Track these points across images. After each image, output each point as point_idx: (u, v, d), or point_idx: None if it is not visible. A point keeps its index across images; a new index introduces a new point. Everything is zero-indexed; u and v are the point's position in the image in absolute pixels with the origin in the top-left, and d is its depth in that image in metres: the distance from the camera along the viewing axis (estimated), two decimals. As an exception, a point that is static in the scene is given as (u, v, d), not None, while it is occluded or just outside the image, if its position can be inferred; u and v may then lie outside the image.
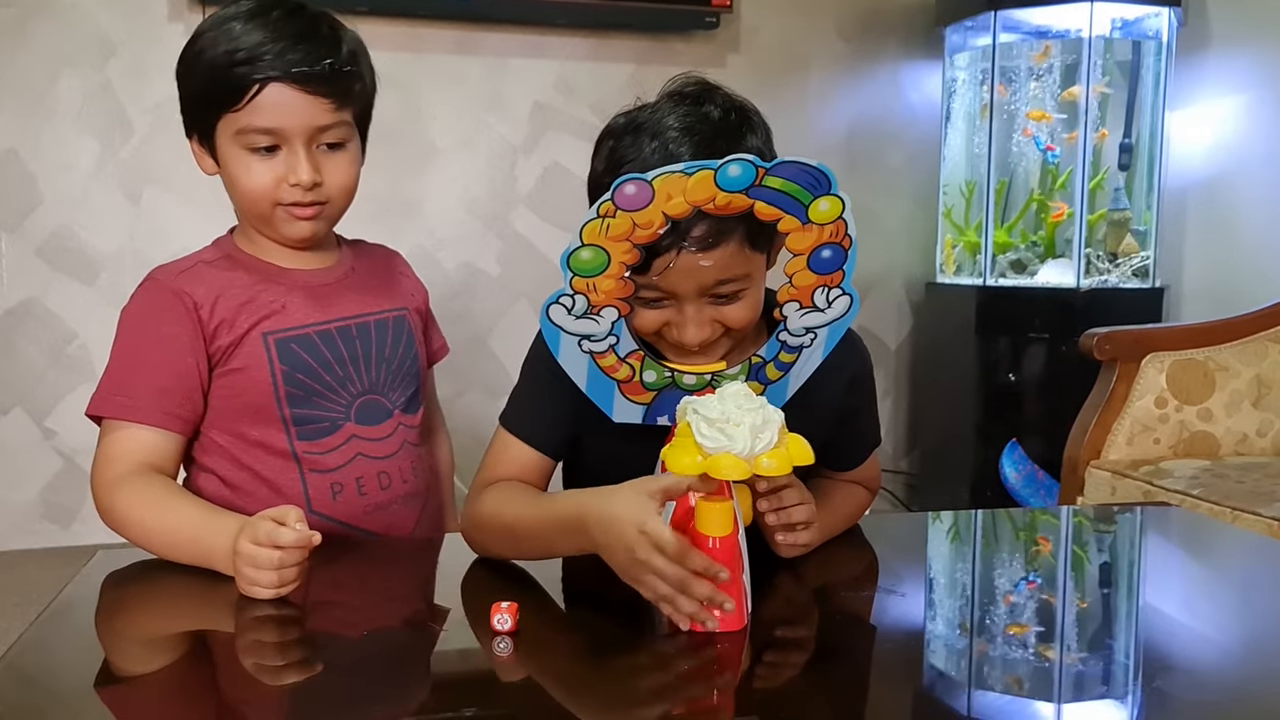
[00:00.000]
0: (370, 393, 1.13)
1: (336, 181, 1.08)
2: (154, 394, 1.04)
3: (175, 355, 1.05)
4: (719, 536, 0.80)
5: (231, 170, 1.07)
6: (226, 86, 1.03)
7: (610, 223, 0.82)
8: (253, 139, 1.04)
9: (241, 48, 1.02)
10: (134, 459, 1.02)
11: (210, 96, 1.05)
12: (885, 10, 3.05)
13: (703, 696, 0.74)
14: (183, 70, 1.08)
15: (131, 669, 0.80)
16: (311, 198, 1.07)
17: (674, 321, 0.91)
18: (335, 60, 1.05)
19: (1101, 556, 1.12)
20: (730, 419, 0.78)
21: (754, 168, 0.80)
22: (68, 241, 2.63)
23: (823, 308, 0.90)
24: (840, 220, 0.85)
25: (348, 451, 1.11)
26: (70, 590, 0.91)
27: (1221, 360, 2.17)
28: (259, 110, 1.03)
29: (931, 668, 0.78)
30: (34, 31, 2.56)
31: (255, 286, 1.10)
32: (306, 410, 1.09)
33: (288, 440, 1.09)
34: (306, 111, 1.04)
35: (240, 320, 1.07)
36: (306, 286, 1.12)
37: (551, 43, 2.84)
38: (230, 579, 0.89)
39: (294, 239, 1.11)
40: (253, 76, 1.02)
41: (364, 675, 0.74)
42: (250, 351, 1.07)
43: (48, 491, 2.70)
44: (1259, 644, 0.87)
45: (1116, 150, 2.75)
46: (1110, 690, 0.76)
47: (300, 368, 1.08)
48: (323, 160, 1.07)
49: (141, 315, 1.08)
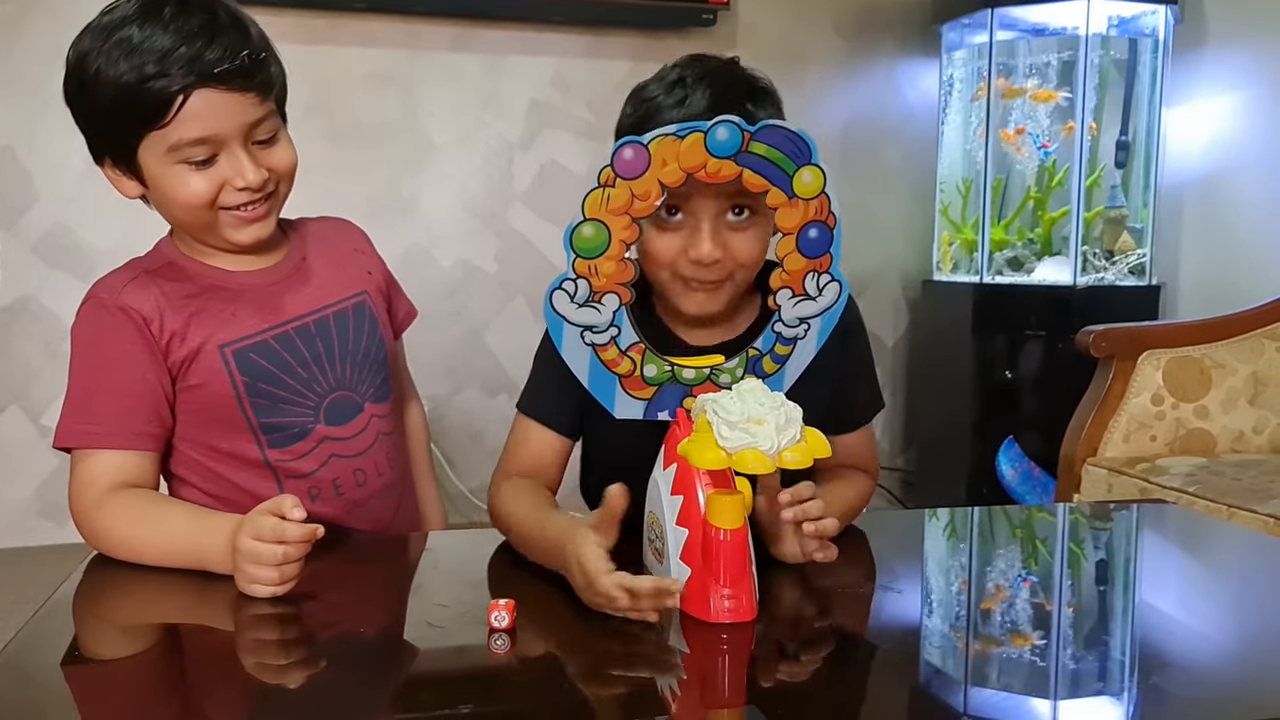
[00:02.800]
0: (338, 389, 1.10)
1: (280, 169, 1.04)
2: (117, 416, 1.00)
3: (134, 373, 1.01)
4: (730, 529, 0.81)
5: (166, 188, 1.01)
6: (145, 104, 0.95)
7: (610, 193, 0.84)
8: (187, 152, 0.98)
9: (149, 59, 0.94)
10: (108, 482, 0.98)
11: (125, 117, 0.97)
12: (882, 7, 3.06)
13: (709, 689, 0.74)
14: (78, 94, 0.99)
15: (106, 654, 0.80)
16: (260, 194, 1.03)
17: (689, 244, 0.96)
18: (250, 50, 0.99)
19: (1098, 554, 1.12)
20: (752, 416, 0.79)
21: (740, 131, 0.83)
22: (63, 238, 2.63)
23: (814, 295, 0.91)
24: (824, 196, 0.87)
25: (321, 454, 1.09)
26: (66, 588, 0.91)
27: (1218, 357, 2.18)
28: (187, 121, 0.96)
29: (929, 664, 0.78)
30: (29, 27, 2.55)
31: (203, 296, 1.05)
32: (274, 419, 1.06)
33: (259, 449, 1.06)
34: (236, 111, 0.98)
35: (192, 333, 1.03)
36: (256, 289, 1.08)
37: (548, 40, 2.84)
38: (222, 578, 0.89)
39: (242, 244, 1.06)
40: (172, 88, 0.95)
41: (361, 673, 0.74)
42: (207, 365, 1.03)
43: (44, 489, 2.69)
44: (1255, 641, 0.87)
45: (1112, 147, 2.76)
46: (1107, 687, 0.77)
47: (262, 376, 1.05)
48: (260, 155, 1.02)
49: (92, 337, 1.02)
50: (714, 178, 0.85)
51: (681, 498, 0.84)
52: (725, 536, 0.81)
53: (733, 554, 0.80)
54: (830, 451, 0.83)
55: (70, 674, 0.75)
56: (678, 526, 0.84)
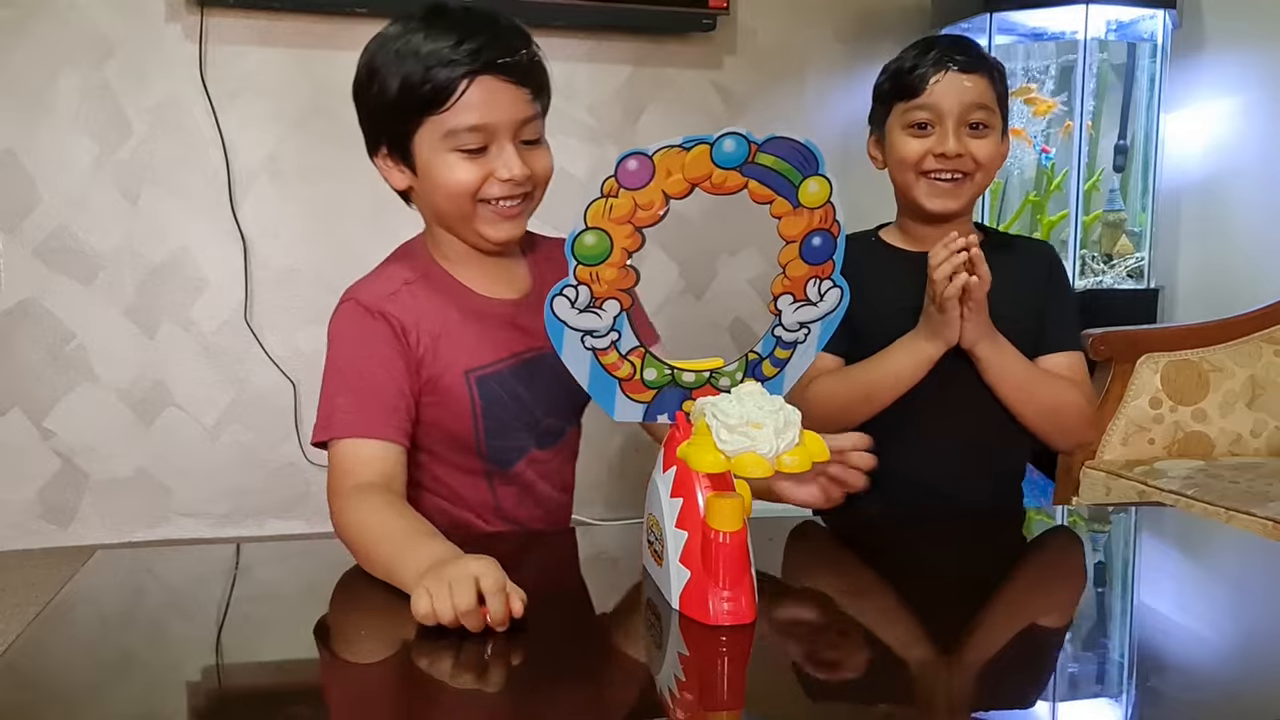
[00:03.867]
0: (553, 415, 1.14)
1: (540, 173, 1.08)
2: (381, 410, 1.03)
3: (395, 373, 1.05)
4: (729, 531, 0.81)
5: (435, 174, 1.06)
6: (429, 89, 1.02)
7: (614, 203, 0.84)
8: (461, 139, 1.03)
9: (435, 50, 1.02)
10: (366, 471, 1.00)
11: (408, 104, 1.03)
12: (882, 12, 3.06)
13: (708, 691, 0.75)
14: (364, 88, 1.07)
15: (107, 657, 0.80)
16: (520, 191, 1.06)
17: (935, 145, 1.28)
18: (528, 49, 1.06)
19: (1096, 556, 1.12)
20: (751, 420, 0.79)
21: (746, 143, 0.83)
22: (66, 242, 2.63)
23: (815, 300, 0.91)
24: (829, 205, 0.87)
25: (527, 471, 1.14)
26: (68, 590, 0.91)
27: (1216, 361, 2.18)
28: (466, 108, 1.02)
29: (928, 666, 0.78)
30: (32, 31, 2.56)
31: (454, 317, 1.09)
32: (500, 442, 1.11)
33: (480, 462, 1.11)
34: (511, 104, 1.04)
35: (442, 353, 1.07)
36: (500, 316, 1.12)
37: (550, 44, 2.79)
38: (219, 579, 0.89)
39: (495, 240, 1.09)
40: (456, 74, 1.01)
41: (359, 671, 0.74)
42: (451, 387, 1.08)
43: (46, 492, 2.70)
44: (1253, 644, 0.87)
45: (1111, 151, 2.76)
46: (1105, 689, 0.77)
47: (497, 403, 1.09)
48: (525, 154, 1.06)
49: (357, 337, 1.07)
50: (719, 189, 0.85)
51: (681, 500, 0.84)
52: (724, 539, 0.81)
53: (732, 556, 0.81)
54: (828, 455, 0.83)
55: (72, 676, 0.76)
56: (677, 529, 0.84)
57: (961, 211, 1.33)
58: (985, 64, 1.31)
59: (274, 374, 2.76)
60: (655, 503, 0.89)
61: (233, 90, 2.64)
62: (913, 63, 1.30)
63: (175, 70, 2.61)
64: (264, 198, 2.70)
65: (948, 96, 1.28)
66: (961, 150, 1.28)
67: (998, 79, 1.32)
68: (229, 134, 2.65)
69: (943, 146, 1.28)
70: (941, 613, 0.91)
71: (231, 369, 2.76)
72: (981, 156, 1.29)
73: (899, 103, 1.31)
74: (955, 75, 1.28)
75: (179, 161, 2.65)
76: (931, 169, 1.30)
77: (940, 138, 1.28)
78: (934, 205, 1.31)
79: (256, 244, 2.70)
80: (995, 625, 0.89)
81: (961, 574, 1.03)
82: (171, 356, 2.73)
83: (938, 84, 1.28)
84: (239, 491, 2.80)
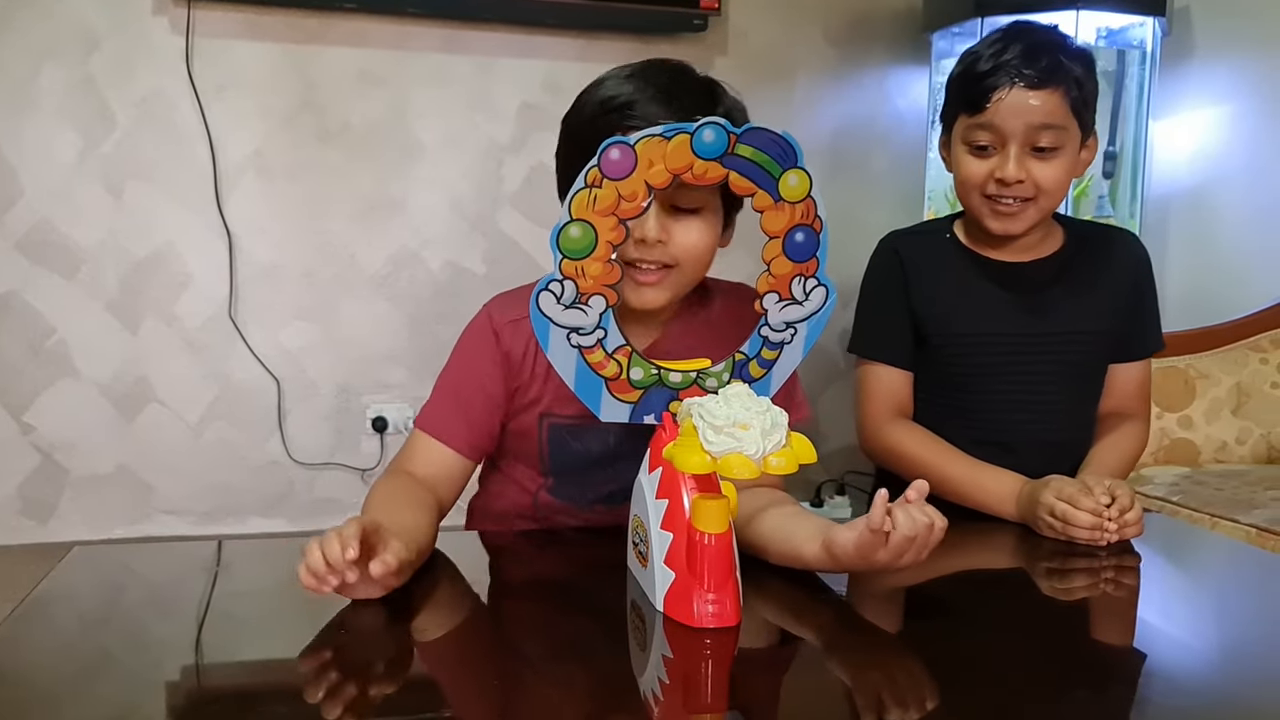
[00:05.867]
0: (614, 484, 1.10)
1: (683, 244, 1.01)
2: (464, 424, 1.09)
3: (488, 392, 1.09)
4: (715, 533, 0.80)
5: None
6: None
7: (597, 194, 0.84)
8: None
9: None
10: (417, 462, 1.07)
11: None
12: (873, 15, 3.07)
13: (692, 693, 0.74)
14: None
15: (86, 650, 0.79)
16: (654, 257, 1.00)
17: (996, 168, 1.23)
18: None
19: (1081, 563, 1.12)
20: (738, 421, 0.78)
21: (726, 133, 0.83)
22: (48, 235, 2.61)
23: (801, 300, 0.91)
24: (810, 200, 0.87)
25: (586, 514, 1.16)
26: (45, 586, 0.90)
27: (1202, 368, 2.19)
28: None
29: (912, 670, 0.78)
30: (16, 23, 2.53)
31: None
32: (566, 490, 1.14)
33: (547, 492, 1.15)
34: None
35: (532, 391, 1.10)
36: None
37: (540, 43, 2.84)
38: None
39: (630, 304, 1.01)
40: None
41: (355, 669, 0.73)
42: (528, 425, 1.11)
43: (25, 487, 2.68)
44: (1238, 650, 0.87)
45: (1100, 158, 2.77)
46: (1090, 695, 0.76)
47: (566, 452, 1.12)
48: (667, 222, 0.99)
49: (470, 348, 1.12)
50: (701, 179, 0.85)
51: (666, 501, 0.84)
52: (710, 541, 0.80)
53: (717, 558, 0.80)
54: (815, 458, 0.83)
55: (48, 674, 0.75)
56: (662, 530, 0.84)
57: (1027, 233, 1.29)
58: (1059, 75, 1.21)
59: (258, 371, 2.75)
60: (640, 504, 0.88)
61: (219, 84, 2.62)
62: (984, 66, 1.23)
63: (161, 64, 2.59)
64: (250, 193, 2.68)
65: (1011, 118, 1.21)
66: (1023, 176, 1.22)
67: (1074, 86, 1.22)
68: (215, 129, 2.63)
69: (1003, 171, 1.23)
70: (927, 617, 0.90)
71: (215, 365, 2.74)
72: (1045, 181, 1.23)
73: (963, 114, 1.26)
74: (1021, 92, 1.20)
75: (164, 156, 2.64)
76: (993, 193, 1.25)
77: (1001, 161, 1.23)
78: (996, 228, 1.28)
79: (242, 240, 2.68)
80: (981, 630, 0.89)
81: (948, 579, 1.03)
82: (154, 352, 2.71)
83: (1001, 102, 1.21)
84: (221, 489, 2.78)
